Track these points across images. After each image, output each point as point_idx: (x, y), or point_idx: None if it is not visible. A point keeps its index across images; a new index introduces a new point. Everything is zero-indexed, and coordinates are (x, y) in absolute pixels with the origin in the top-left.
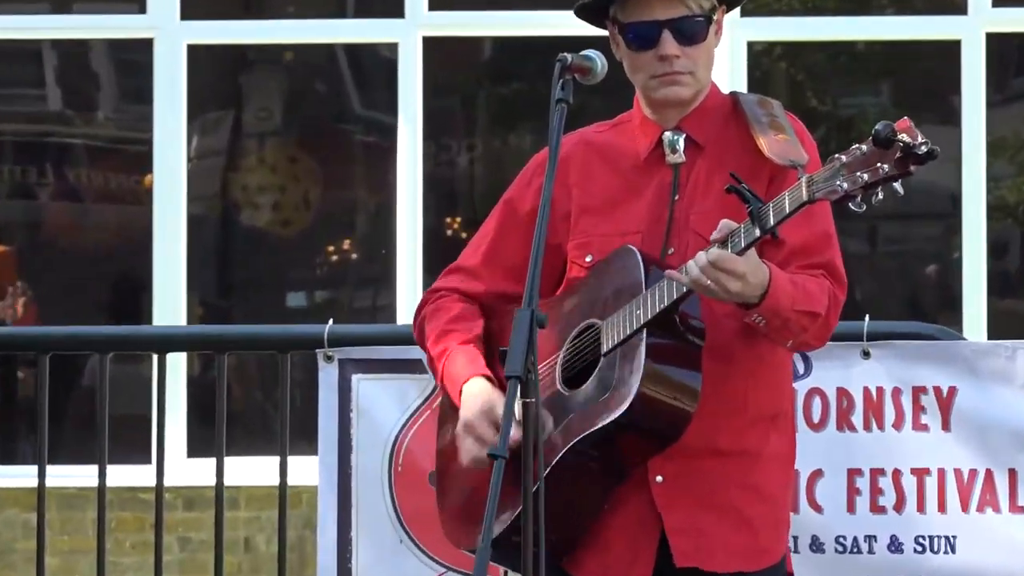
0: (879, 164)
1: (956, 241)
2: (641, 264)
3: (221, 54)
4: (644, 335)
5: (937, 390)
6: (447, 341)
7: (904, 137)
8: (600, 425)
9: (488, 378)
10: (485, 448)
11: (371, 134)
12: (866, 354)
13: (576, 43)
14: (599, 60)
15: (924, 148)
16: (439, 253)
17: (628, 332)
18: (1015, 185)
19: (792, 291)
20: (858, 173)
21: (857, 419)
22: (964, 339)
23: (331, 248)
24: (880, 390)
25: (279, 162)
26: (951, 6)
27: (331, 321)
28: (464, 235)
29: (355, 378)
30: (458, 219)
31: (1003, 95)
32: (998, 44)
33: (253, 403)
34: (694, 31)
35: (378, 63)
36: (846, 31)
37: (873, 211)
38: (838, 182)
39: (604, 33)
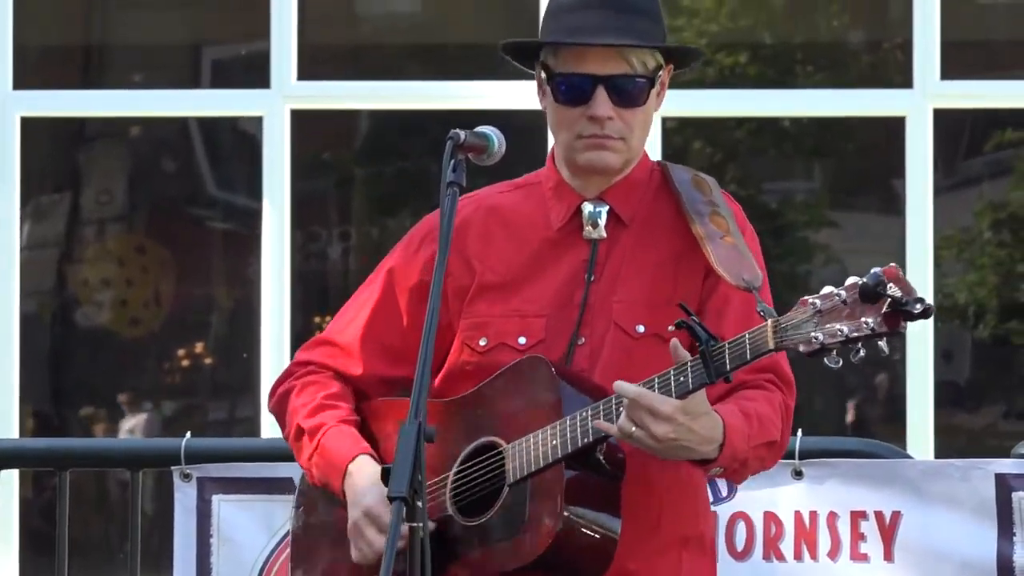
0: (863, 319)
1: (900, 346)
2: (556, 382)
3: (58, 128)
4: (562, 469)
5: (879, 515)
6: (323, 416)
7: (895, 291)
8: (512, 568)
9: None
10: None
11: (231, 220)
12: (798, 474)
13: (465, 117)
14: (495, 138)
15: (918, 307)
16: None
17: (542, 464)
18: (965, 283)
19: (746, 428)
20: (837, 325)
21: (787, 547)
22: (909, 457)
23: (185, 351)
24: (814, 514)
25: (125, 252)
26: (893, 78)
27: (188, 434)
28: None
29: (215, 499)
30: (330, 318)
31: (952, 179)
32: (947, 121)
33: (98, 528)
34: (633, 92)
35: (239, 139)
36: (770, 106)
37: None
38: (813, 333)
39: (499, 106)
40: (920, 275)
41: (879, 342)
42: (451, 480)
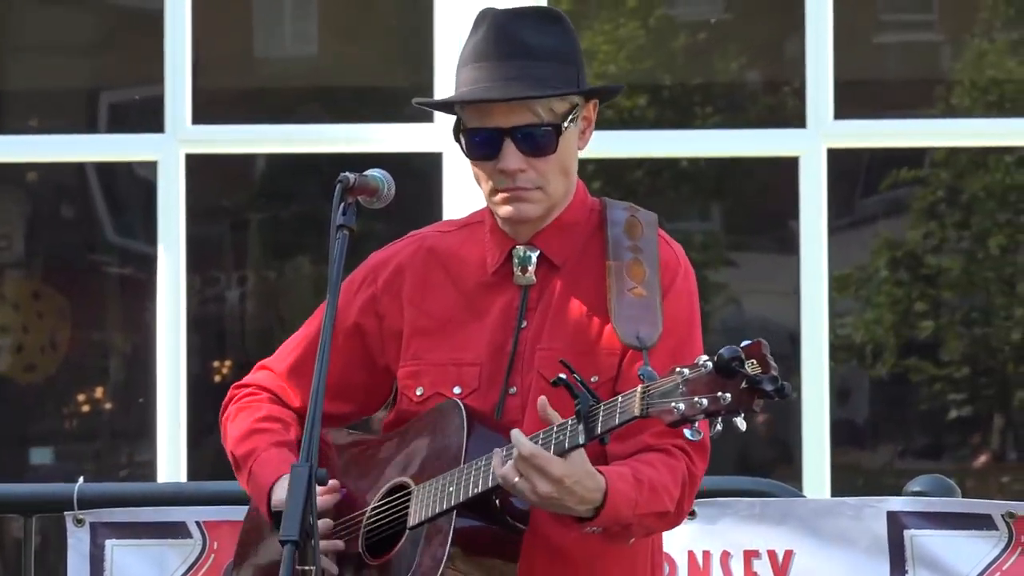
0: (720, 393)
1: (795, 384)
2: (464, 428)
3: None
4: (454, 516)
5: (772, 554)
6: (254, 440)
7: (748, 368)
8: None
9: None
10: None
11: (127, 265)
12: (691, 513)
13: (362, 160)
14: (385, 181)
15: (770, 386)
16: (206, 402)
17: (437, 510)
18: (861, 322)
19: (635, 495)
20: (696, 398)
21: None
22: (802, 496)
23: (81, 397)
24: (707, 554)
25: (20, 298)
26: (788, 118)
27: (81, 479)
28: (236, 381)
29: (109, 544)
30: (228, 363)
31: (849, 218)
32: (841, 161)
33: None
34: (541, 141)
35: (135, 184)
36: (667, 146)
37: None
38: (674, 403)
39: (396, 149)
40: (815, 314)
41: (735, 419)
42: (367, 516)
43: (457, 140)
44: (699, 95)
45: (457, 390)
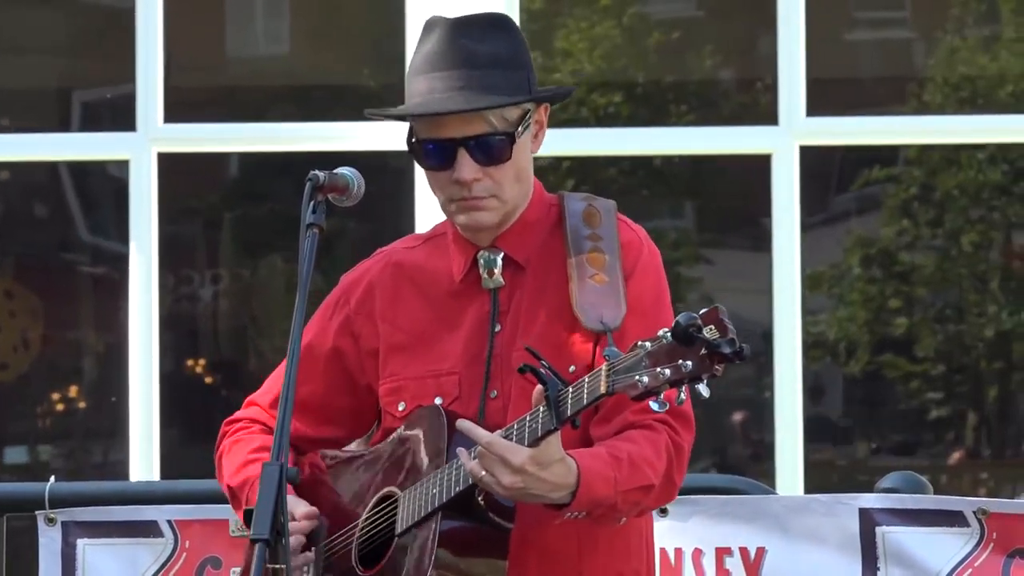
0: (681, 361)
1: (767, 382)
2: (445, 430)
3: None
4: (439, 518)
5: (744, 551)
6: (249, 471)
7: (707, 334)
8: None
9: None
10: None
11: (100, 264)
12: (663, 511)
13: (334, 159)
14: (355, 179)
15: (728, 348)
16: (179, 401)
17: (422, 514)
18: (835, 319)
19: (614, 473)
20: (659, 369)
21: None
22: (773, 493)
23: (54, 396)
24: (679, 552)
25: None
26: (761, 116)
27: (52, 478)
28: (209, 380)
29: (81, 543)
30: (201, 361)
31: (822, 216)
32: (812, 158)
33: None
34: (495, 150)
35: (108, 183)
36: (641, 144)
37: None
38: (637, 376)
39: (369, 147)
40: (787, 311)
41: (697, 386)
42: (359, 529)
43: (411, 150)
44: (673, 93)
45: (439, 401)
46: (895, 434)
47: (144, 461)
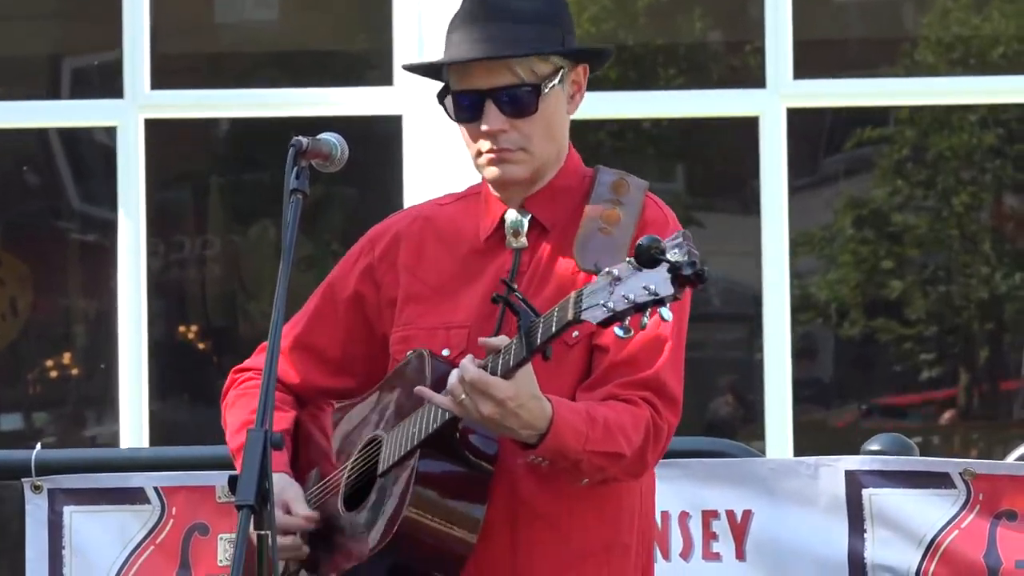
0: (644, 284)
1: (757, 344)
2: (429, 372)
3: None
4: (417, 458)
5: (730, 514)
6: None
7: (669, 255)
8: (363, 559)
9: (287, 475)
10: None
11: (89, 231)
12: None
13: (323, 124)
14: (338, 144)
15: (689, 270)
16: (169, 368)
17: (402, 452)
18: (824, 281)
19: (586, 429)
20: (623, 293)
21: None
22: (759, 455)
23: (44, 363)
24: (665, 515)
25: None
26: (749, 78)
27: (39, 445)
28: (201, 346)
29: (67, 510)
30: (192, 328)
31: (808, 179)
32: (801, 121)
33: None
34: (522, 102)
35: (97, 150)
36: (630, 107)
37: None
38: (603, 300)
39: (357, 112)
40: (776, 273)
41: (661, 308)
42: (346, 473)
43: (442, 103)
44: (661, 56)
45: (446, 352)
46: (886, 395)
47: (134, 428)
